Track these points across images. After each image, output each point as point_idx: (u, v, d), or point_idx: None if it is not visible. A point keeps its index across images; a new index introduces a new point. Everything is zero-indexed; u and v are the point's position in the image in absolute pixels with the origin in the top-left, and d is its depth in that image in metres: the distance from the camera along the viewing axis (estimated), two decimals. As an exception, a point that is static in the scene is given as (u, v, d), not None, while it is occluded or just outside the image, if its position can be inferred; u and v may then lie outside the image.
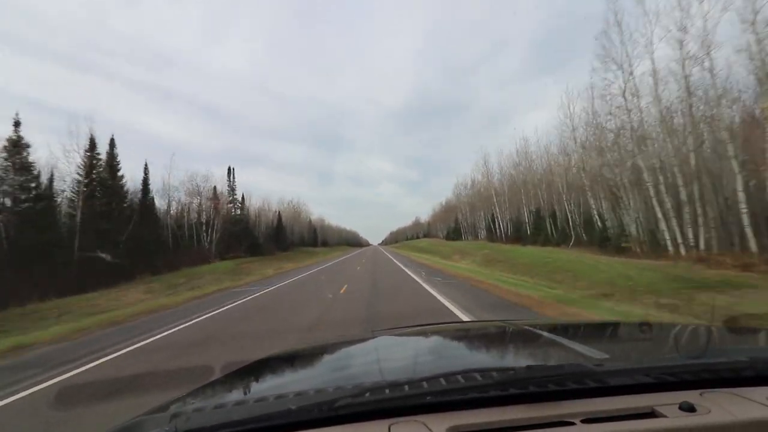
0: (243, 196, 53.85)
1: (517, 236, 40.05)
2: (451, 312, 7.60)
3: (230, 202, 51.35)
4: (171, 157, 64.65)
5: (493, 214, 49.85)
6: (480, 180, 57.58)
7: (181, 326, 8.39)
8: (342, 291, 12.55)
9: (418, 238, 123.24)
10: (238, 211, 51.41)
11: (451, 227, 72.69)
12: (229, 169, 52.82)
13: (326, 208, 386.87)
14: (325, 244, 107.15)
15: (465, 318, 6.95)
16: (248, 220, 52.60)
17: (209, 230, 42.45)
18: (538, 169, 40.83)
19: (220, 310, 10.64)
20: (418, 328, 1.88)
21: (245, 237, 47.02)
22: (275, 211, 71.99)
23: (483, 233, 53.97)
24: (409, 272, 18.86)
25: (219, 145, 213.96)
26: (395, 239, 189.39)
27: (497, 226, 48.41)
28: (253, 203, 60.44)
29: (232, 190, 51.85)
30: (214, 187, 45.75)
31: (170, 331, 7.85)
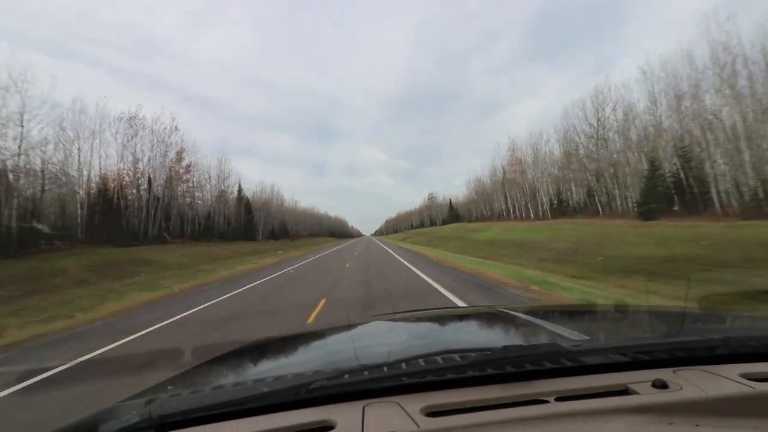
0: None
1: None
2: None
3: None
4: None
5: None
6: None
7: None
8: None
9: (434, 225, 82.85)
10: None
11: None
12: None
13: (320, 198, 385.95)
14: (278, 235, 59.38)
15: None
16: None
17: None
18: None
19: None
20: (404, 314, 1.88)
21: None
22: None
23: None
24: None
25: (208, 136, 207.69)
26: (393, 228, 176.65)
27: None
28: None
29: None
30: None
31: None
